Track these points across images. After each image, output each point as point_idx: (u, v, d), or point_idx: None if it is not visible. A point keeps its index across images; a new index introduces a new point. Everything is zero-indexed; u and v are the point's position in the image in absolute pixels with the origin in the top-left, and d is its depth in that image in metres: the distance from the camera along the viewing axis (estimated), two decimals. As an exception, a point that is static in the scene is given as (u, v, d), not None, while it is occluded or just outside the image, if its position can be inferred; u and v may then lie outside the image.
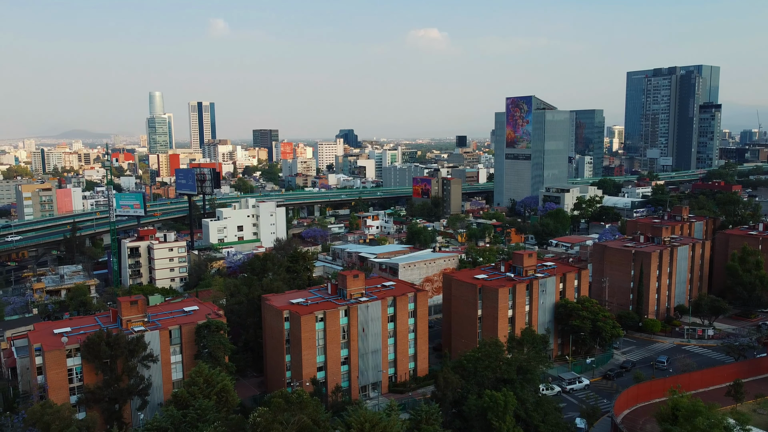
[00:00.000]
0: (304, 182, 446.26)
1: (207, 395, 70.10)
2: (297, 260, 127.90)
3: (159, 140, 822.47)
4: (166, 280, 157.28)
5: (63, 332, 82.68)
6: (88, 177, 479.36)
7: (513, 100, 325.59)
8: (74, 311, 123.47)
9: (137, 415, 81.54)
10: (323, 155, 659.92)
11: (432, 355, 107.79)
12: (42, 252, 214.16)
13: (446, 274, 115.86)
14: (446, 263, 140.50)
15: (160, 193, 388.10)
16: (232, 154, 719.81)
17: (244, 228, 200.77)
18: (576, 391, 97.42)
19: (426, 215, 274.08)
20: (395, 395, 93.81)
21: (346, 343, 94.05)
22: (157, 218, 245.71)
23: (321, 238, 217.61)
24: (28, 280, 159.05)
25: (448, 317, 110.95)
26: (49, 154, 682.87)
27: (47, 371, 77.31)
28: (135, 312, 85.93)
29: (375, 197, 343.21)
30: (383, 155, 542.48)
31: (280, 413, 63.48)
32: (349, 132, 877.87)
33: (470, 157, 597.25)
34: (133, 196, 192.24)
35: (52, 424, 66.48)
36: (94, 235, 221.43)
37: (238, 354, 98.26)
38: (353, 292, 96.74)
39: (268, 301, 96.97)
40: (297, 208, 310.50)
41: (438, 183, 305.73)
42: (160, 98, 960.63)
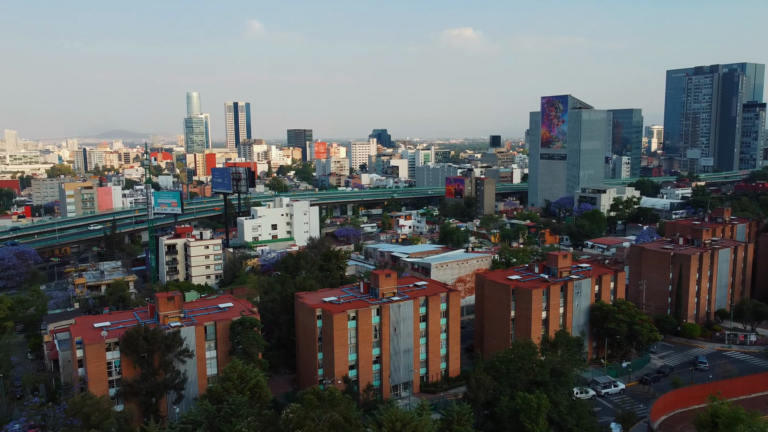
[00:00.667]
0: (338, 182, 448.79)
1: (241, 391, 71.13)
2: (330, 259, 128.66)
3: (196, 140, 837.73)
4: (201, 277, 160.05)
5: (103, 326, 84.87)
6: (128, 176, 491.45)
7: (548, 99, 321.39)
8: (113, 306, 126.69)
9: (173, 408, 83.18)
10: (356, 155, 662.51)
11: (464, 356, 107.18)
12: (83, 248, 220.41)
13: (479, 275, 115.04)
14: (479, 264, 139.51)
15: (196, 191, 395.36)
16: (266, 153, 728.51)
17: (278, 227, 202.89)
18: (611, 395, 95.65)
19: (459, 215, 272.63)
20: (427, 395, 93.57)
21: (378, 342, 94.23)
22: (193, 216, 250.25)
23: (354, 237, 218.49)
24: (70, 275, 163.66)
25: (480, 318, 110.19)
26: (91, 154, 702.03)
27: (87, 364, 79.48)
28: (172, 308, 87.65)
29: (408, 197, 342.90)
30: (416, 155, 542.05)
31: (312, 410, 64.01)
32: (383, 132, 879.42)
33: (504, 157, 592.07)
34: (171, 195, 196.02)
35: (92, 416, 68.32)
36: (133, 232, 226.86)
37: (272, 351, 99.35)
38: (385, 292, 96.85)
39: (301, 299, 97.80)
40: (330, 208, 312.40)
41: (471, 183, 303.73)
42: (197, 98, 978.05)
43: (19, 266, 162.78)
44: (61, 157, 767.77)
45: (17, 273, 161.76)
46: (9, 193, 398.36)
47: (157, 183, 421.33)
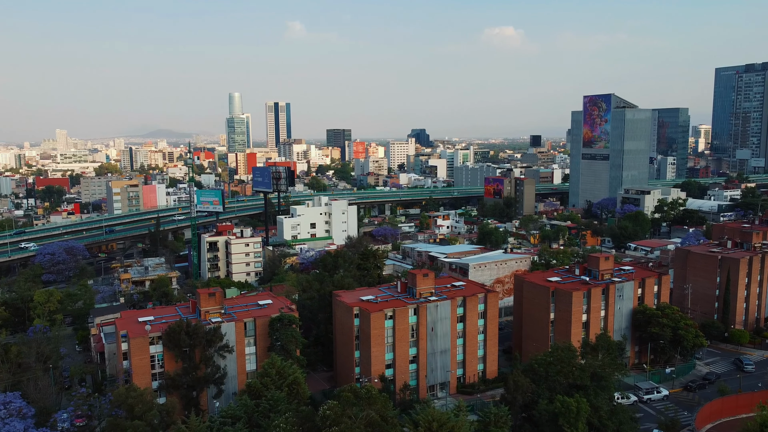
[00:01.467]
0: (376, 181, 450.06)
1: (279, 387, 72.02)
2: (368, 258, 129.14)
3: (237, 139, 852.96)
4: (242, 274, 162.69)
5: (147, 321, 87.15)
6: (172, 174, 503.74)
7: (591, 98, 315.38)
8: (157, 301, 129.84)
9: (213, 402, 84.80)
10: (395, 155, 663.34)
11: (502, 358, 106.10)
12: (129, 245, 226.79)
13: (518, 276, 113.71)
14: (518, 265, 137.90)
15: (237, 190, 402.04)
16: (306, 153, 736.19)
17: (316, 225, 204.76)
18: (654, 401, 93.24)
19: (498, 216, 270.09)
20: (463, 396, 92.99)
21: (415, 341, 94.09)
22: (234, 214, 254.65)
23: (391, 236, 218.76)
24: (116, 270, 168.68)
25: (519, 319, 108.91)
26: (137, 153, 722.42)
27: (132, 357, 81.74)
28: (213, 304, 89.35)
29: (446, 197, 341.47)
30: (455, 155, 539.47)
31: (349, 408, 64.34)
32: (421, 132, 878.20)
33: (544, 157, 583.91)
34: (213, 193, 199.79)
35: (136, 407, 70.26)
36: (176, 229, 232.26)
37: (309, 348, 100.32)
38: (423, 291, 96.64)
39: (338, 297, 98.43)
40: (368, 207, 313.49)
41: (511, 183, 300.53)
42: (239, 99, 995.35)
43: (68, 261, 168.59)
44: (108, 156, 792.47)
45: (67, 268, 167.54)
46: (59, 190, 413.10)
47: (199, 182, 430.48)
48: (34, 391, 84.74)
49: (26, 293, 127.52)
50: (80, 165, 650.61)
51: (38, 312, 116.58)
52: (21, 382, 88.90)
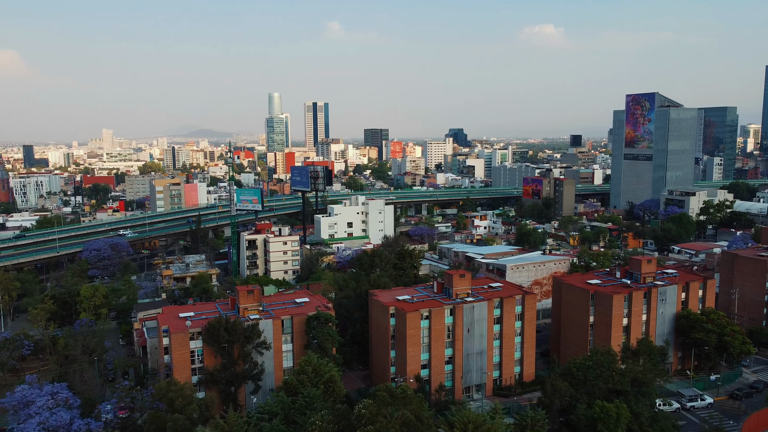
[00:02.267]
0: (413, 181, 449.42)
1: (315, 384, 72.63)
2: (404, 258, 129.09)
3: (276, 139, 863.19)
4: (279, 272, 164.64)
5: (187, 316, 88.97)
6: (212, 173, 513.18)
7: (633, 97, 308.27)
8: (197, 298, 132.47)
9: (250, 398, 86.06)
10: (432, 154, 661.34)
11: (539, 361, 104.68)
12: (171, 242, 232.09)
13: (556, 278, 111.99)
14: (557, 266, 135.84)
15: (276, 189, 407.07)
16: (344, 152, 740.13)
17: (353, 224, 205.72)
18: (697, 409, 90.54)
19: (536, 216, 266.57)
20: (500, 398, 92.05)
21: (451, 342, 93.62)
22: (273, 213, 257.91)
23: (428, 236, 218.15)
24: (158, 267, 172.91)
25: (557, 322, 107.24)
26: (179, 152, 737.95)
27: (173, 352, 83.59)
28: (251, 301, 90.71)
29: (483, 197, 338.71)
30: (493, 155, 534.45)
31: (384, 407, 64.42)
32: (459, 131, 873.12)
33: (585, 157, 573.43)
34: (252, 192, 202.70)
35: (176, 401, 71.82)
36: (216, 227, 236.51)
37: (345, 346, 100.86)
38: (459, 292, 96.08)
39: (375, 296, 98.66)
40: (405, 207, 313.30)
41: (550, 183, 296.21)
42: (279, 99, 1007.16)
43: (113, 257, 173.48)
44: (152, 155, 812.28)
45: (111, 263, 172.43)
46: (105, 188, 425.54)
47: (239, 180, 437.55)
48: (79, 382, 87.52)
49: (73, 288, 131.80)
50: (125, 164, 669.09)
51: (84, 306, 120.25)
52: (68, 373, 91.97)
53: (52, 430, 71.98)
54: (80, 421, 74.04)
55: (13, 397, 77.55)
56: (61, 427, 72.50)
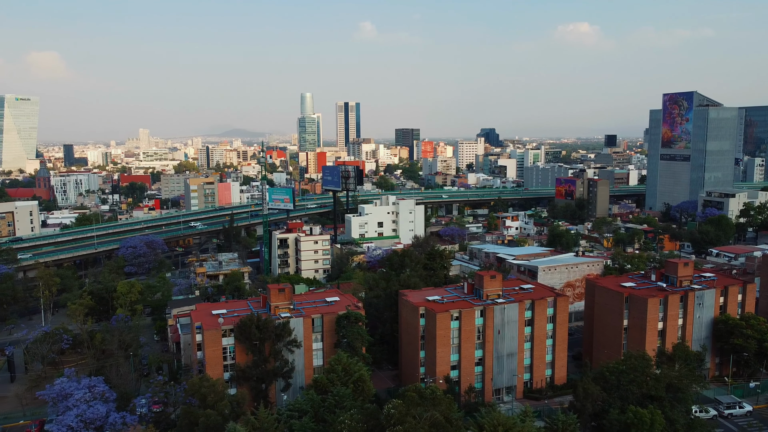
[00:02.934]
0: (444, 181, 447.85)
1: (345, 383, 72.94)
2: (434, 258, 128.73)
3: (308, 139, 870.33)
4: (310, 271, 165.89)
5: (220, 314, 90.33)
6: (245, 172, 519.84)
7: (671, 96, 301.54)
8: (229, 295, 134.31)
9: (281, 396, 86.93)
10: (463, 154, 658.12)
11: (571, 364, 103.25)
12: (204, 240, 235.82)
13: (589, 280, 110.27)
14: (590, 268, 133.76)
15: (307, 188, 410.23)
16: (375, 152, 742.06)
17: (384, 224, 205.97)
18: (736, 417, 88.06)
19: (569, 218, 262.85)
20: (530, 401, 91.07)
21: (481, 343, 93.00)
22: (304, 212, 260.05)
23: (458, 237, 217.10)
24: (192, 264, 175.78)
25: (589, 325, 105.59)
26: (213, 151, 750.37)
27: (205, 348, 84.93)
28: (282, 299, 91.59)
29: (515, 197, 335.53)
30: (525, 155, 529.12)
31: (413, 407, 64.35)
32: (491, 131, 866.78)
33: (620, 158, 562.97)
34: (284, 191, 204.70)
35: (208, 397, 72.98)
36: (248, 226, 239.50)
37: (375, 346, 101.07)
38: (490, 293, 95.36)
39: (404, 296, 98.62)
40: (435, 207, 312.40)
41: (583, 184, 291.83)
42: (311, 99, 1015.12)
43: (148, 255, 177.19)
44: (186, 155, 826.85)
45: (147, 261, 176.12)
46: (142, 187, 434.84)
47: (271, 180, 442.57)
48: (115, 376, 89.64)
49: (110, 284, 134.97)
50: (161, 163, 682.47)
51: (121, 302, 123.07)
52: (104, 367, 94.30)
53: (89, 423, 73.92)
54: (116, 414, 75.87)
55: (53, 390, 79.90)
56: (98, 419, 74.42)
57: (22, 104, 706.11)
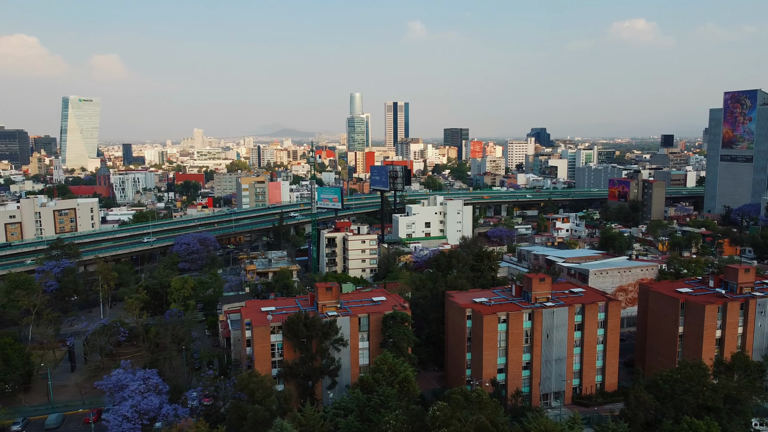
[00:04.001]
0: (492, 181, 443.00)
1: (390, 383, 73.10)
2: (482, 259, 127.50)
3: (357, 138, 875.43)
4: (357, 270, 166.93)
5: (269, 311, 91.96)
6: (295, 172, 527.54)
7: (733, 94, 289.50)
8: (278, 292, 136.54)
9: (327, 393, 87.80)
10: (513, 154, 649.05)
11: (622, 371, 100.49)
12: (255, 237, 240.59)
13: (643, 285, 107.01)
14: (643, 273, 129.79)
15: (355, 188, 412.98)
16: (423, 152, 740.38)
17: (431, 224, 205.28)
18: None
19: (622, 220, 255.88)
20: (579, 408, 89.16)
21: (529, 347, 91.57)
22: (352, 212, 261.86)
23: (507, 238, 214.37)
24: (242, 261, 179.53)
25: (642, 331, 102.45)
26: (264, 151, 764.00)
27: (254, 344, 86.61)
28: (330, 298, 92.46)
29: (566, 199, 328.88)
30: (577, 155, 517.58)
31: (459, 410, 63.96)
32: (541, 131, 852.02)
33: (677, 158, 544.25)
34: (332, 191, 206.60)
35: (256, 392, 74.37)
36: (297, 224, 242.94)
37: (421, 347, 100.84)
38: (538, 296, 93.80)
39: (451, 297, 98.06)
40: (484, 207, 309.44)
41: (638, 185, 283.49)
42: (360, 99, 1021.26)
43: (201, 251, 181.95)
44: (238, 154, 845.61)
45: (199, 257, 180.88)
46: (196, 185, 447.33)
47: (320, 179, 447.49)
48: (168, 369, 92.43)
49: (164, 279, 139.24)
50: (214, 162, 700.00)
51: (174, 297, 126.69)
52: (158, 360, 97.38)
53: (143, 413, 76.47)
54: (168, 406, 78.23)
55: (110, 380, 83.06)
56: (151, 410, 76.91)
57: (85, 105, 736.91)
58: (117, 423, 75.40)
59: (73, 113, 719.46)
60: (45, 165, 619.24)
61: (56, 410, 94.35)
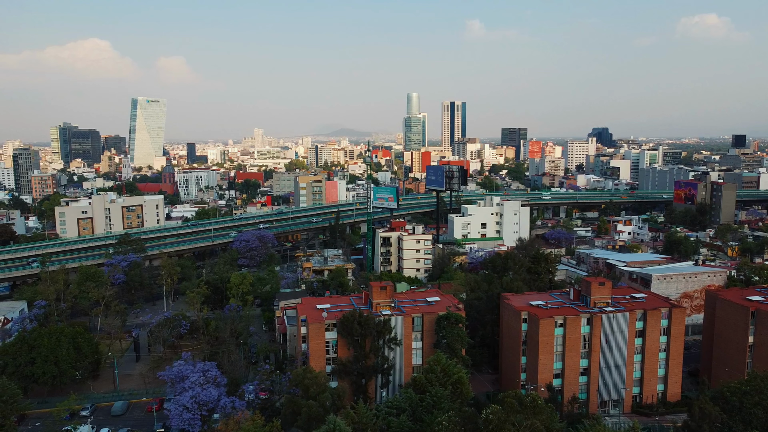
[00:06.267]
0: (551, 182, 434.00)
1: (443, 384, 72.77)
2: (539, 261, 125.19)
3: (413, 138, 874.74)
4: (412, 270, 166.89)
5: (324, 308, 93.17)
6: (352, 171, 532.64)
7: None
8: (333, 290, 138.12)
9: (380, 392, 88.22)
10: (573, 154, 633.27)
11: (686, 380, 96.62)
12: (311, 236, 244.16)
13: (710, 292, 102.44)
14: (711, 279, 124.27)
15: (411, 188, 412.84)
16: (480, 152, 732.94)
17: (487, 225, 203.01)
18: None
19: (688, 224, 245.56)
20: (639, 417, 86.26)
21: (587, 353, 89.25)
22: (407, 211, 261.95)
23: (565, 240, 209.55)
24: (299, 259, 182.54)
25: (708, 340, 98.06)
26: (321, 150, 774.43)
27: (309, 341, 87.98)
28: (384, 297, 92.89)
29: (628, 201, 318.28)
30: (641, 155, 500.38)
31: (512, 414, 63.02)
32: (603, 130, 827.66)
33: (749, 159, 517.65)
34: (388, 190, 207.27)
35: (311, 388, 75.53)
36: (353, 223, 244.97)
37: (474, 348, 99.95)
38: (598, 301, 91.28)
39: (506, 299, 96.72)
40: (541, 209, 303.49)
41: (706, 188, 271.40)
42: (417, 99, 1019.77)
43: (260, 248, 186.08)
44: (297, 153, 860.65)
45: (258, 254, 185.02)
46: (255, 184, 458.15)
47: (376, 179, 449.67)
48: (227, 362, 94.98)
49: (224, 275, 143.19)
50: (273, 161, 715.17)
51: (233, 292, 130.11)
52: (217, 353, 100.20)
53: (202, 404, 78.92)
54: (226, 398, 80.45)
55: (171, 371, 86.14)
56: (210, 402, 79.30)
57: (152, 106, 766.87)
58: (178, 413, 78.14)
59: (141, 113, 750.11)
60: (115, 163, 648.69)
61: (122, 398, 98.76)
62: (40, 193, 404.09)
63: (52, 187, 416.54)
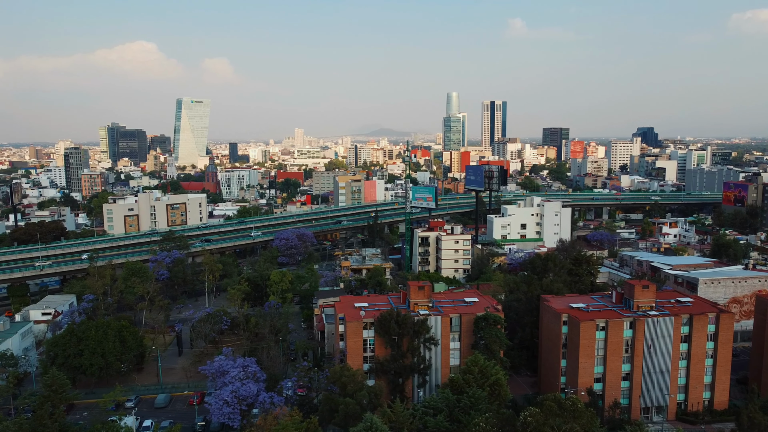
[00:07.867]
0: (593, 183, 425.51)
1: (481, 385, 72.24)
2: (580, 263, 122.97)
3: (453, 138, 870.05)
4: (450, 270, 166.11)
5: (362, 307, 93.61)
6: (390, 171, 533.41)
7: None
8: (371, 289, 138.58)
9: (417, 391, 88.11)
10: (617, 155, 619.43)
11: (734, 388, 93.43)
12: (350, 235, 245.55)
13: (761, 297, 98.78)
14: (762, 284, 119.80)
15: (450, 188, 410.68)
16: (520, 152, 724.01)
17: (527, 226, 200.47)
18: None
19: (738, 226, 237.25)
20: (683, 425, 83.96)
21: (629, 357, 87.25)
22: (446, 211, 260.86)
23: (608, 242, 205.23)
24: (338, 258, 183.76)
25: (759, 347, 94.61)
26: (361, 150, 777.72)
27: (347, 339, 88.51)
28: (422, 296, 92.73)
29: (674, 202, 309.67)
30: (688, 156, 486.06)
31: (551, 417, 62.10)
32: (648, 130, 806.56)
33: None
34: (427, 190, 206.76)
35: (348, 386, 76.00)
36: (391, 223, 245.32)
37: (513, 350, 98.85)
38: (641, 304, 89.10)
39: (546, 301, 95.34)
40: (583, 210, 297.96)
41: (757, 189, 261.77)
42: (457, 98, 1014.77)
43: (299, 247, 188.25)
44: (336, 153, 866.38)
45: (297, 252, 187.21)
46: (295, 183, 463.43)
47: (415, 178, 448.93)
48: (266, 358, 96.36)
49: (265, 272, 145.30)
50: (313, 161, 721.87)
51: (273, 290, 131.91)
52: (256, 349, 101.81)
53: (242, 399, 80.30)
54: (265, 394, 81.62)
55: (212, 366, 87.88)
56: (249, 397, 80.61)
57: (196, 106, 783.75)
58: (218, 406, 79.70)
59: (185, 114, 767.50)
60: (160, 162, 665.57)
61: (165, 391, 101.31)
62: (89, 191, 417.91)
63: (101, 186, 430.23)
